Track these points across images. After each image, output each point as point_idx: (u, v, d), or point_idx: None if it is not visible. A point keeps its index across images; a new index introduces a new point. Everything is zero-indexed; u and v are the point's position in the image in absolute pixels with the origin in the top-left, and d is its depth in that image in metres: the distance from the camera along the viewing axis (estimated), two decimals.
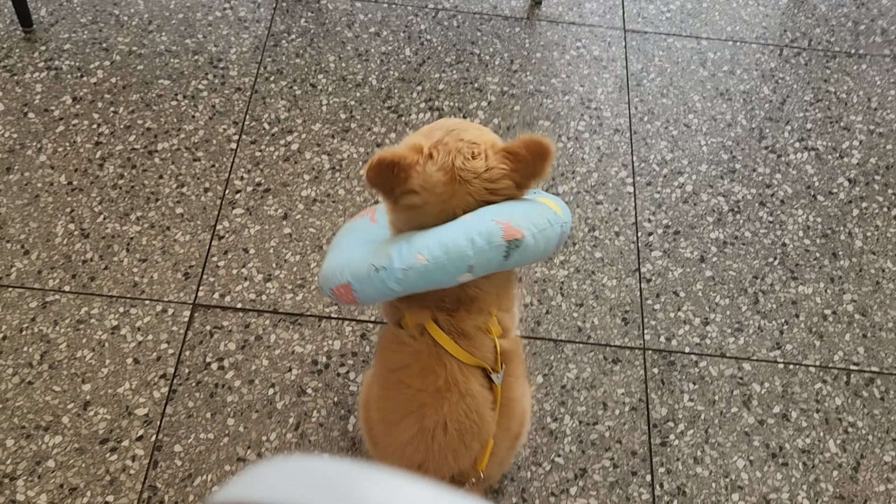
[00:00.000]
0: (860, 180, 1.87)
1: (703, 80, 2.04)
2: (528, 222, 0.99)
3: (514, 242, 0.97)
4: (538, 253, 1.01)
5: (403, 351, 1.08)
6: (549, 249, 1.04)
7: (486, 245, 0.96)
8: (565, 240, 1.04)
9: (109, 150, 1.76)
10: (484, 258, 0.96)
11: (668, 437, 1.46)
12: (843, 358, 1.59)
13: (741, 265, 1.70)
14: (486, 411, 1.08)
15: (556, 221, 1.03)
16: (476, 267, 0.97)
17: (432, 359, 1.05)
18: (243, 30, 2.01)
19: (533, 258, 1.02)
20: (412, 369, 1.07)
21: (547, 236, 1.01)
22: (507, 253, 0.97)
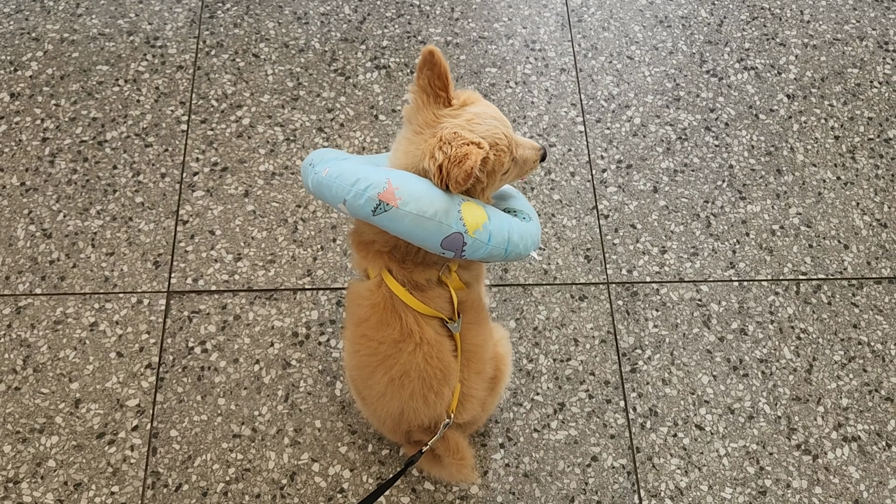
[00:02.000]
0: (798, 95, 1.94)
1: (642, 8, 2.06)
2: (417, 202, 1.03)
3: (384, 205, 1.03)
4: (406, 231, 1.04)
5: (364, 304, 1.15)
6: (429, 240, 1.05)
7: (363, 192, 1.03)
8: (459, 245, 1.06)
9: (58, 145, 1.74)
10: (355, 202, 1.04)
11: (636, 363, 1.56)
12: (793, 269, 1.69)
13: (692, 191, 1.77)
14: (447, 357, 1.16)
15: (447, 223, 1.04)
16: (348, 204, 1.06)
17: (388, 311, 1.13)
18: (176, 3, 1.96)
19: (404, 232, 1.05)
20: (371, 322, 1.15)
21: (425, 227, 1.03)
22: (375, 210, 1.03)
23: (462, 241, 1.06)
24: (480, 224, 1.08)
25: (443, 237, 1.05)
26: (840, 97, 1.94)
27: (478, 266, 1.24)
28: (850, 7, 2.10)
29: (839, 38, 2.04)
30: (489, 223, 1.09)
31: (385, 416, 1.23)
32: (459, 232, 1.06)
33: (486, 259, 1.12)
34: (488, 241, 1.09)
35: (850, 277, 1.69)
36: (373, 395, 1.21)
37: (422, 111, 1.08)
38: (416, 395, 1.16)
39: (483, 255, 1.10)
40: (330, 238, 1.65)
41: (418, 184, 1.04)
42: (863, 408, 1.53)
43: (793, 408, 1.52)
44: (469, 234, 1.06)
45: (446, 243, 1.06)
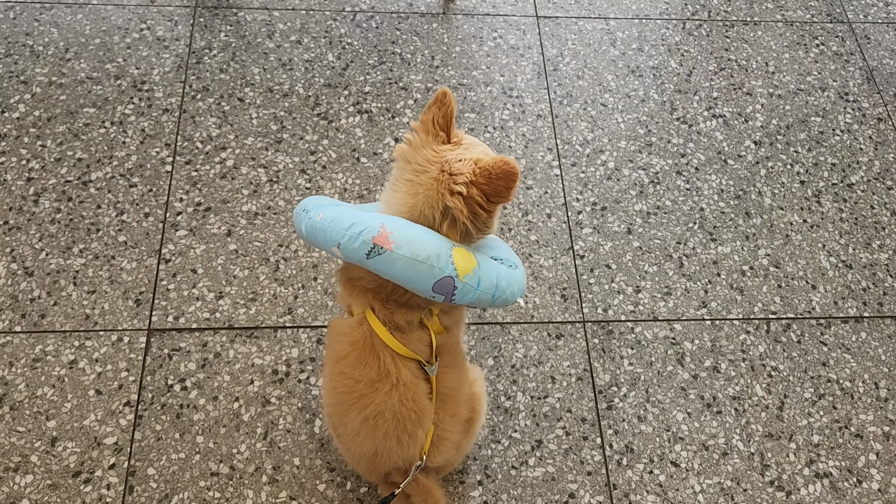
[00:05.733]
0: (765, 141, 2.02)
1: (615, 59, 2.15)
2: (410, 245, 1.04)
3: (378, 249, 1.03)
4: (399, 275, 1.05)
5: (343, 341, 1.16)
6: (421, 283, 1.06)
7: (357, 235, 1.05)
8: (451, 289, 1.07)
9: (42, 184, 1.76)
10: (350, 245, 1.05)
11: (612, 400, 1.58)
12: (763, 308, 1.74)
13: (665, 233, 1.83)
14: (422, 399, 1.17)
15: (440, 266, 1.05)
16: (342, 248, 1.06)
17: (367, 349, 1.14)
18: (163, 49, 2.02)
19: (397, 276, 1.05)
20: (350, 360, 1.16)
21: (417, 270, 1.04)
22: (369, 253, 1.04)
23: (453, 286, 1.07)
24: (471, 269, 1.08)
25: (434, 281, 1.05)
26: (805, 144, 2.02)
27: (459, 311, 1.25)
28: (811, 60, 2.21)
29: (802, 88, 2.14)
30: (479, 269, 1.10)
31: (359, 455, 1.23)
32: (451, 276, 1.06)
33: (474, 304, 1.12)
34: (477, 287, 1.09)
35: (819, 317, 1.74)
36: (348, 434, 1.22)
37: (421, 149, 1.10)
38: (389, 436, 1.17)
39: (472, 299, 1.10)
40: (311, 277, 1.68)
41: (412, 229, 1.06)
42: (833, 444, 1.56)
43: (765, 444, 1.55)
44: (460, 278, 1.07)
45: (437, 287, 1.06)
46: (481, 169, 1.06)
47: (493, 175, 1.04)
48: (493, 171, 1.04)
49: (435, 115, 1.10)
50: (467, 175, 1.06)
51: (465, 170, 1.06)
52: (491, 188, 1.05)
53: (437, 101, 1.10)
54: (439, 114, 1.10)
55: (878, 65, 2.21)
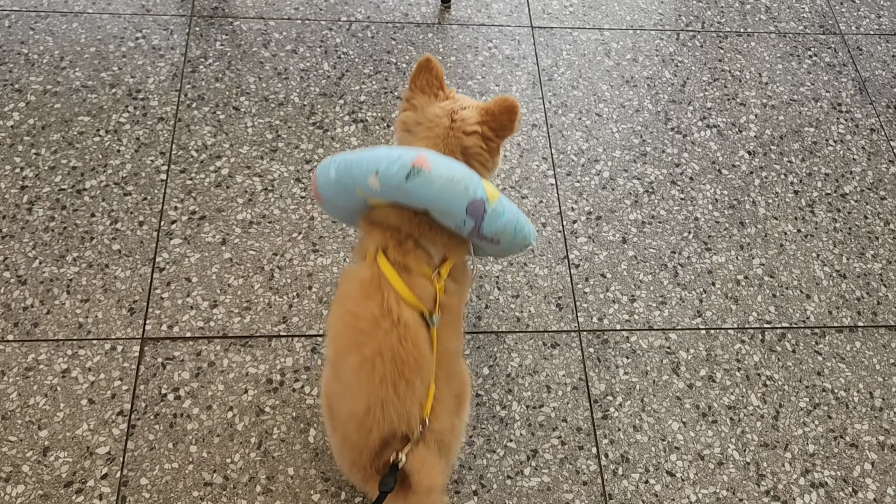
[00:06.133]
0: (758, 151, 2.03)
1: (610, 69, 2.16)
2: (446, 168, 1.13)
3: (417, 170, 1.11)
4: (436, 196, 1.12)
5: (351, 280, 1.21)
6: (455, 206, 1.13)
7: (396, 160, 1.12)
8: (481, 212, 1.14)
9: (36, 193, 1.75)
10: (389, 170, 1.12)
11: (608, 410, 1.58)
12: (758, 318, 1.74)
13: (659, 242, 1.83)
14: (422, 346, 1.15)
15: (472, 188, 1.13)
16: (381, 174, 1.12)
17: (373, 286, 1.17)
18: (159, 58, 2.02)
19: (433, 198, 1.12)
20: (356, 296, 1.18)
21: (453, 190, 1.12)
22: (408, 175, 1.11)
23: (483, 209, 1.15)
24: (497, 197, 1.18)
25: (468, 202, 1.13)
26: (798, 154, 2.03)
27: (464, 277, 1.30)
28: (804, 71, 2.22)
29: (795, 98, 2.15)
30: (502, 200, 1.19)
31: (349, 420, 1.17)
32: (482, 199, 1.14)
33: (498, 235, 1.19)
34: (503, 214, 1.18)
35: (813, 326, 1.74)
36: (341, 388, 1.18)
37: (426, 109, 1.24)
38: (385, 382, 1.13)
39: (498, 227, 1.17)
40: (306, 286, 1.67)
41: (445, 158, 1.16)
42: (829, 454, 1.56)
43: (761, 454, 1.55)
44: (489, 203, 1.15)
45: (471, 209, 1.13)
46: (486, 110, 1.22)
47: (497, 113, 1.21)
48: (497, 110, 1.21)
49: (427, 79, 1.24)
50: (476, 117, 1.22)
51: (472, 114, 1.22)
52: (497, 124, 1.21)
53: (424, 68, 1.25)
54: (431, 77, 1.24)
55: (870, 76, 2.23)
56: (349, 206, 1.26)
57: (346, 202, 1.24)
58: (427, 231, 1.20)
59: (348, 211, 1.29)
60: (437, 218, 1.19)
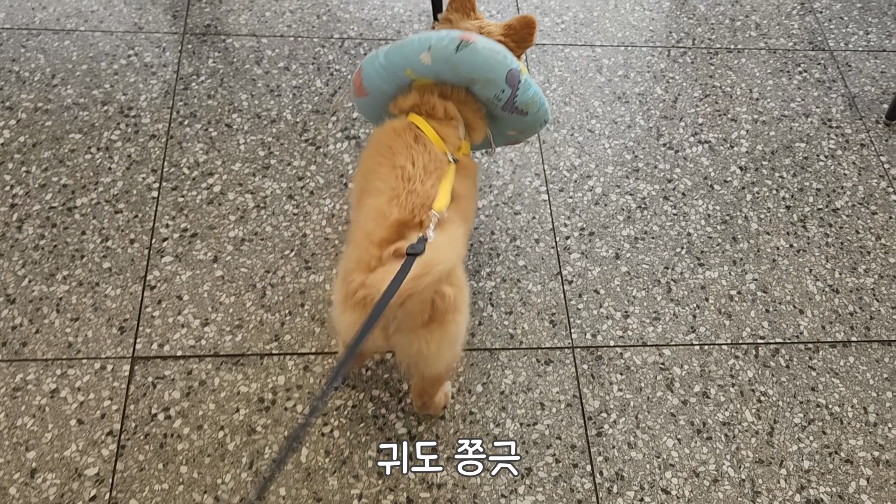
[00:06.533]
0: (750, 167, 2.04)
1: (601, 85, 2.17)
2: (489, 42, 1.34)
3: (465, 43, 1.31)
4: (481, 64, 1.32)
5: (385, 128, 1.38)
6: (497, 72, 1.34)
7: (445, 36, 1.32)
8: (516, 81, 1.36)
9: (26, 211, 1.74)
10: (440, 44, 1.32)
11: (602, 427, 1.57)
12: (751, 333, 1.74)
13: (652, 258, 1.83)
14: (441, 159, 1.31)
15: (510, 60, 1.35)
16: (433, 48, 1.32)
17: (406, 129, 1.34)
18: (151, 76, 2.02)
19: (480, 66, 1.32)
20: (389, 135, 1.35)
21: (496, 59, 1.33)
22: (458, 47, 1.31)
23: (518, 79, 1.36)
24: (525, 71, 1.40)
25: (508, 70, 1.34)
26: (789, 169, 2.04)
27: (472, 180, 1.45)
28: (795, 86, 2.24)
29: (786, 114, 2.17)
30: (528, 75, 1.41)
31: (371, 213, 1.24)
32: (518, 70, 1.36)
33: (528, 106, 1.40)
34: (532, 86, 1.40)
35: (807, 341, 1.74)
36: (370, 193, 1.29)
37: (460, 23, 1.46)
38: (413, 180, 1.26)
39: (528, 97, 1.39)
40: (298, 303, 1.66)
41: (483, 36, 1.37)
42: (824, 470, 1.56)
43: (756, 470, 1.54)
44: (522, 73, 1.37)
45: (509, 77, 1.35)
46: (508, 26, 1.45)
47: (518, 27, 1.45)
48: (518, 25, 1.45)
49: (462, 2, 1.47)
50: (500, 32, 1.45)
51: (496, 29, 1.46)
52: (519, 36, 1.45)
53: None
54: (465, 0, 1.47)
55: (859, 91, 2.25)
56: (391, 91, 1.43)
57: (392, 86, 1.42)
58: (458, 101, 1.39)
59: (387, 97, 1.45)
60: (479, 90, 1.38)
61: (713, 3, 2.44)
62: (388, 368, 1.59)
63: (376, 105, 1.48)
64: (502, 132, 1.55)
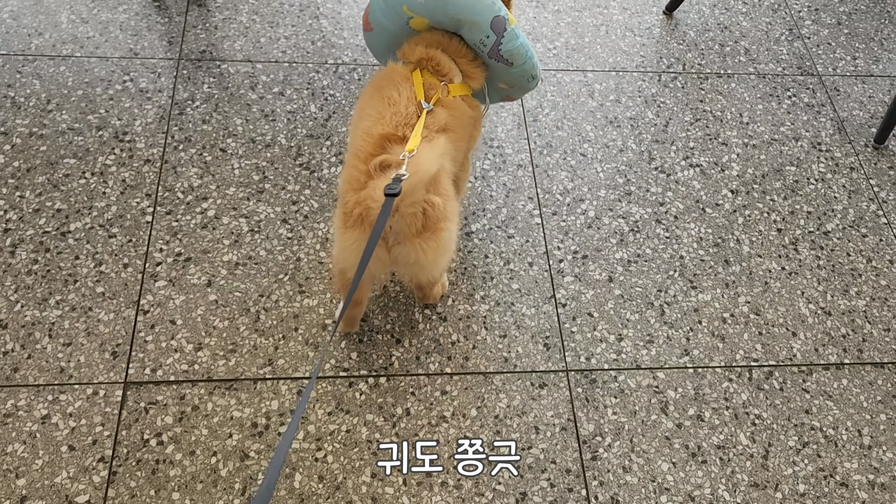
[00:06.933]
0: (741, 190, 2.05)
1: (593, 110, 2.19)
2: None
3: None
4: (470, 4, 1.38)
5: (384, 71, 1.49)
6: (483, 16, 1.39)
7: None
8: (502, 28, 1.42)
9: (20, 235, 1.74)
10: None
11: (597, 451, 1.57)
12: (744, 356, 1.74)
13: (645, 281, 1.84)
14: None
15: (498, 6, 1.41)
16: None
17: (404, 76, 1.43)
18: (146, 101, 2.03)
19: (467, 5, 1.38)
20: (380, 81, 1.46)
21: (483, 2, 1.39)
22: None
23: (504, 27, 1.42)
24: (515, 22, 1.45)
25: (493, 15, 1.40)
26: (780, 192, 2.06)
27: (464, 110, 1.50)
28: (784, 111, 2.26)
29: (776, 138, 2.19)
30: (517, 27, 1.45)
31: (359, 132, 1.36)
32: (504, 17, 1.41)
33: (512, 56, 1.45)
34: (518, 37, 1.44)
35: (800, 364, 1.74)
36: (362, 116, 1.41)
37: None
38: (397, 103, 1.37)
39: (514, 46, 1.44)
40: (292, 327, 1.66)
41: None
42: (819, 493, 1.55)
43: (751, 494, 1.54)
44: (510, 22, 1.42)
45: (494, 23, 1.41)
46: None
47: None
48: None
49: None
50: None
51: None
52: None
53: None
54: None
55: (848, 116, 2.28)
56: (393, 30, 1.51)
57: (391, 23, 1.49)
58: (454, 53, 1.47)
59: (391, 37, 1.52)
60: (466, 33, 1.44)
61: (702, 28, 2.47)
62: (381, 392, 1.59)
63: (380, 41, 1.57)
64: (494, 84, 1.61)
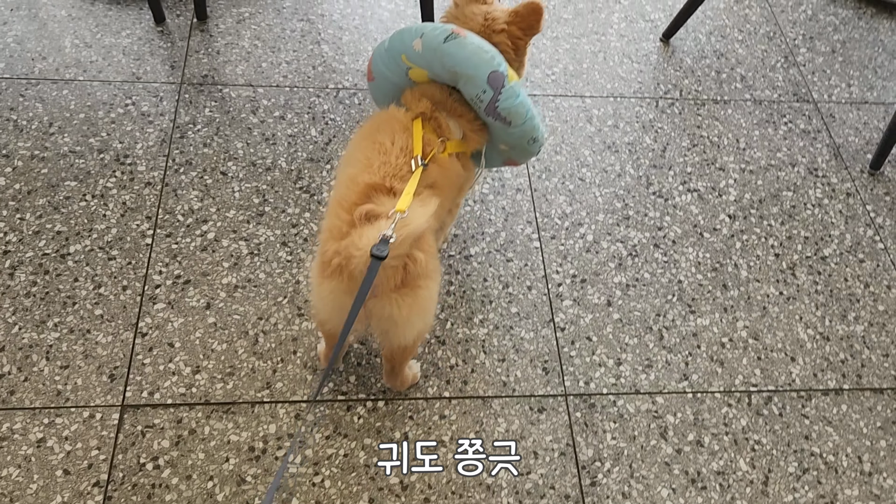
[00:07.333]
0: (739, 215, 2.07)
1: (591, 135, 2.21)
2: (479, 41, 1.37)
3: (455, 35, 1.35)
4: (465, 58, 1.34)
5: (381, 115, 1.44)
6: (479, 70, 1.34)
7: (439, 27, 1.37)
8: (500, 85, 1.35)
9: (19, 257, 1.74)
10: (433, 33, 1.36)
11: (596, 476, 1.56)
12: (744, 381, 1.74)
13: (644, 305, 1.84)
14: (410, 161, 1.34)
15: (497, 62, 1.36)
16: (425, 37, 1.37)
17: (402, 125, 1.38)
18: (148, 124, 2.05)
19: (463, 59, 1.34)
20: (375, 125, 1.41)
21: (481, 57, 1.35)
22: (447, 38, 1.35)
23: (502, 83, 1.36)
24: (517, 79, 1.40)
25: (490, 71, 1.34)
26: (777, 218, 2.07)
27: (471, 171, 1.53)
28: (780, 137, 2.29)
29: (773, 164, 2.21)
30: (520, 85, 1.40)
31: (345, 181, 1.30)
32: (503, 73, 1.36)
33: (513, 113, 1.38)
34: (518, 96, 1.38)
35: (799, 389, 1.74)
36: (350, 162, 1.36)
37: (466, 7, 1.46)
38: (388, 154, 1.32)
39: (513, 104, 1.37)
40: (290, 350, 1.66)
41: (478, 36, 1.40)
42: None
43: None
44: (508, 80, 1.36)
45: (491, 78, 1.35)
46: (514, 12, 1.43)
47: (523, 14, 1.42)
48: (524, 11, 1.42)
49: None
50: (505, 18, 1.44)
51: (502, 15, 1.44)
52: (525, 23, 1.43)
53: None
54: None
55: (843, 142, 2.30)
56: (393, 80, 1.48)
57: (391, 73, 1.47)
58: (455, 109, 1.42)
59: (392, 86, 1.50)
60: (462, 86, 1.39)
61: (699, 56, 2.50)
62: (380, 416, 1.58)
63: (382, 91, 1.55)
64: (496, 146, 1.55)
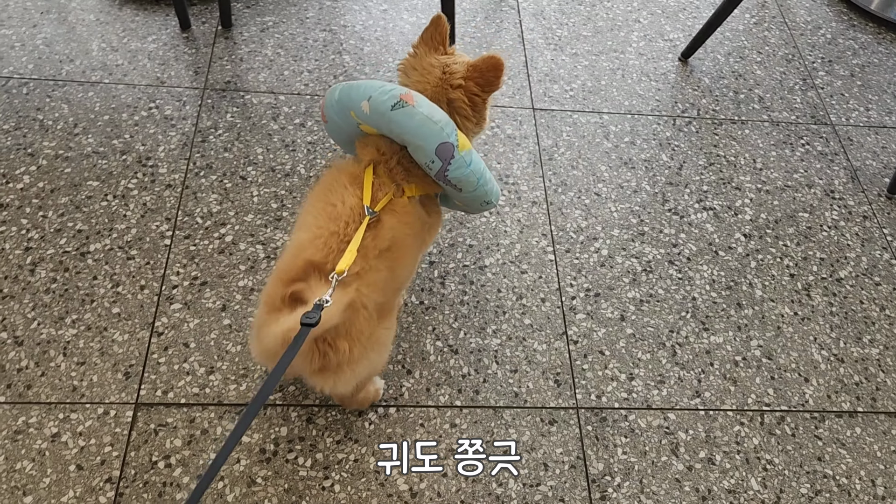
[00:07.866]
0: (754, 234, 2.06)
1: (608, 151, 2.22)
2: (428, 108, 1.28)
3: (403, 103, 1.26)
4: (413, 129, 1.26)
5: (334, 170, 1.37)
6: (427, 141, 1.27)
7: (387, 90, 1.28)
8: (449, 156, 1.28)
9: (40, 254, 1.77)
10: (380, 98, 1.28)
11: (606, 490, 1.55)
12: (756, 400, 1.73)
13: (657, 321, 1.84)
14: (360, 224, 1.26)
15: (447, 132, 1.27)
16: (372, 100, 1.29)
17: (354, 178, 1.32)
18: (170, 127, 2.07)
19: (411, 130, 1.26)
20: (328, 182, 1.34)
21: (430, 128, 1.26)
22: (394, 106, 1.27)
23: (451, 154, 1.28)
24: (468, 147, 1.32)
25: (439, 142, 1.26)
26: (793, 238, 2.07)
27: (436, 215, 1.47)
28: (797, 158, 2.29)
29: (790, 185, 2.21)
30: (472, 153, 1.32)
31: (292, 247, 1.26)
32: (453, 144, 1.28)
33: (461, 182, 1.32)
34: (469, 164, 1.31)
35: (812, 410, 1.73)
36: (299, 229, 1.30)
37: (424, 59, 1.37)
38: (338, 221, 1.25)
39: (462, 174, 1.30)
40: None
41: (429, 102, 1.30)
42: None
43: None
44: (458, 150, 1.28)
45: (440, 150, 1.27)
46: (473, 66, 1.34)
47: (482, 69, 1.32)
48: (483, 66, 1.32)
49: (432, 33, 1.36)
50: (463, 72, 1.34)
51: (460, 69, 1.34)
52: (483, 79, 1.33)
53: (434, 23, 1.37)
54: (436, 32, 1.36)
55: (861, 165, 2.29)
56: (346, 129, 1.40)
57: (343, 123, 1.39)
58: (409, 163, 1.35)
59: (345, 134, 1.43)
60: (412, 152, 1.31)
61: (717, 76, 2.52)
62: (391, 423, 1.58)
63: (336, 134, 1.48)
64: (445, 201, 1.52)
